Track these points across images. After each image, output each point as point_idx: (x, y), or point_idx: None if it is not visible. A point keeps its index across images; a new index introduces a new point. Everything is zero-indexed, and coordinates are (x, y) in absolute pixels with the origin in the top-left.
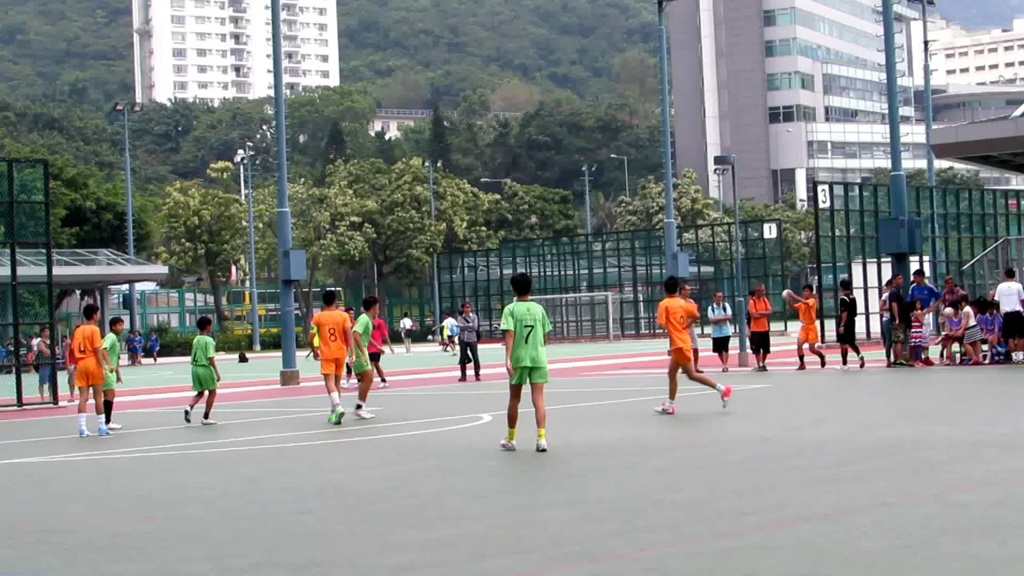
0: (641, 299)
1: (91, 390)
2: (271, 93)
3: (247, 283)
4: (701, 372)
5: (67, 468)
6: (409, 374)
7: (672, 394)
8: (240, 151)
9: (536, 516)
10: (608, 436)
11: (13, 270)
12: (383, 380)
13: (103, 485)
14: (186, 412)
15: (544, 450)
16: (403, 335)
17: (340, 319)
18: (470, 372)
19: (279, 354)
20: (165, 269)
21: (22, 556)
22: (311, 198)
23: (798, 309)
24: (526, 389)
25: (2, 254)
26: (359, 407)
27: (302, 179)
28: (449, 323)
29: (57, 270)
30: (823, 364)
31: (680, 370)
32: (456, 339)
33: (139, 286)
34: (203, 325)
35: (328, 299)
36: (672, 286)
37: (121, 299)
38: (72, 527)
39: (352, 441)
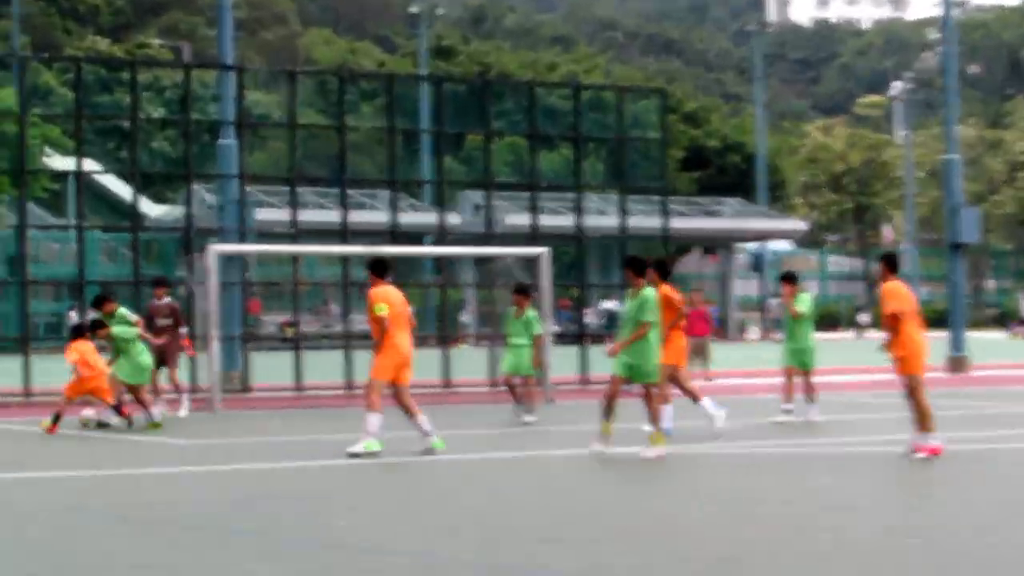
0: None
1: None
2: (935, 13)
3: (904, 245)
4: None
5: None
6: None
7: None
8: (895, 83)
9: None
10: None
11: (622, 220)
12: None
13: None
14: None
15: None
16: None
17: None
18: None
19: (943, 333)
20: (804, 225)
21: (638, 565)
22: (984, 143)
23: None
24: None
25: (607, 200)
26: None
27: (973, 119)
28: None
29: (674, 221)
30: None
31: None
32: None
33: (771, 245)
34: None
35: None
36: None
37: (752, 259)
38: (690, 531)
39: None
